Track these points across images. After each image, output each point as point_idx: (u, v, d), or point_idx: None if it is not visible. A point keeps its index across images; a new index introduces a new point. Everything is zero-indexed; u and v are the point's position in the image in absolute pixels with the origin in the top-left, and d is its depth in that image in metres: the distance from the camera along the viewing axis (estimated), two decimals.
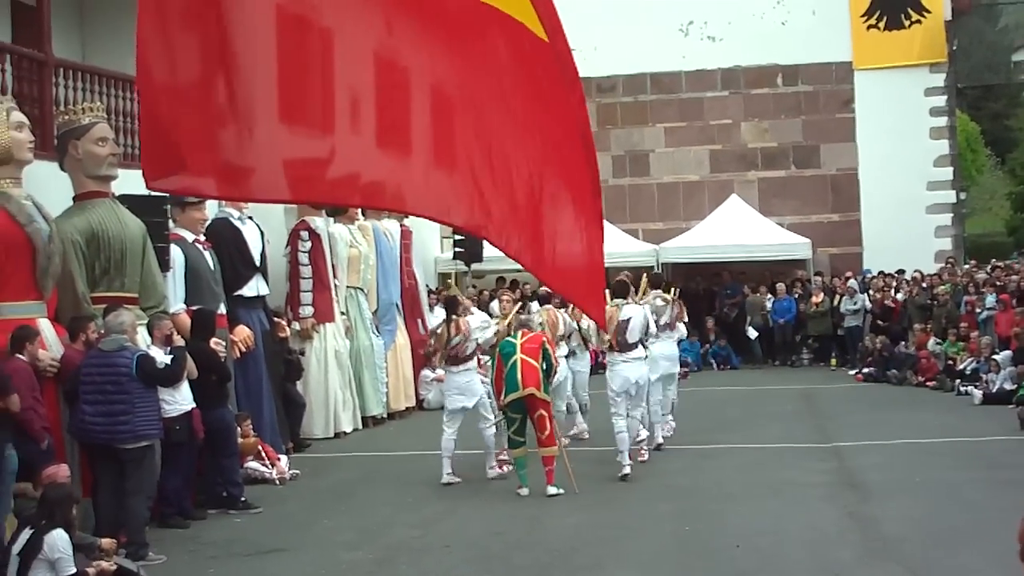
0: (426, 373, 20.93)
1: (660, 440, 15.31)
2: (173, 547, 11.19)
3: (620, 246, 27.23)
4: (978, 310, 22.48)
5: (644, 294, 15.29)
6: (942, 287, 24.27)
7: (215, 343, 13.44)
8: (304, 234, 18.00)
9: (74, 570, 9.13)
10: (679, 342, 16.65)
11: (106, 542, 9.90)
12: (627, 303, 14.20)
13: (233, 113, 6.20)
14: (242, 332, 15.27)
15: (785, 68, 29.78)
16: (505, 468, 14.13)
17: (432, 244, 27.57)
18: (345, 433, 18.00)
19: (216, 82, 6.21)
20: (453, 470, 13.84)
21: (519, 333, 13.55)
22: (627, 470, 13.61)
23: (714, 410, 18.88)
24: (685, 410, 16.80)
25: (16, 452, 10.03)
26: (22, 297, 11.28)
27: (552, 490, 12.88)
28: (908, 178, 28.43)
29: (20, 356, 10.60)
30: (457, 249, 25.58)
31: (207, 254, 14.99)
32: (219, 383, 13.20)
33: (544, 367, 13.29)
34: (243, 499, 12.98)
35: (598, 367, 18.46)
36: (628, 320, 13.98)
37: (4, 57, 13.46)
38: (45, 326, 11.36)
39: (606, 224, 27.60)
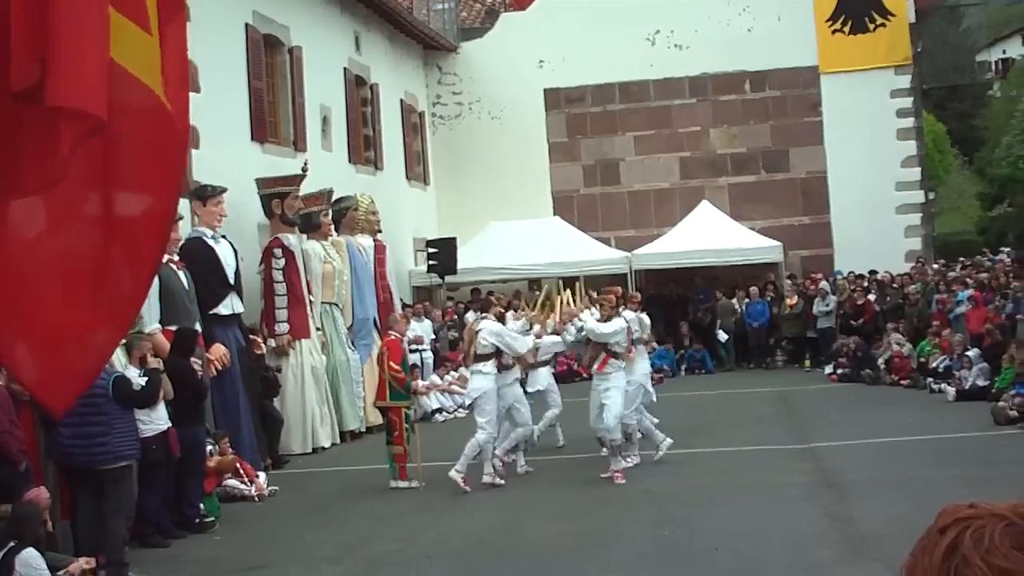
0: None
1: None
2: (154, 567, 11.16)
3: (593, 254, 27.30)
4: (949, 307, 22.66)
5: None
6: (913, 286, 24.46)
7: (192, 362, 13.43)
8: (278, 251, 18.00)
9: None
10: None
11: (83, 560, 9.87)
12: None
13: None
14: (218, 350, 15.25)
15: (752, 74, 29.88)
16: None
17: (406, 258, 27.52)
18: (323, 448, 17.97)
19: None
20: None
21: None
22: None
23: (691, 415, 18.94)
24: (662, 416, 16.83)
25: None
26: None
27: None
28: (877, 179, 28.63)
29: None
30: (431, 262, 25.59)
31: (181, 274, 15.00)
32: (195, 400, 13.20)
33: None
34: (197, 520, 12.84)
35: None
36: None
37: None
38: None
39: (579, 232, 27.99)
